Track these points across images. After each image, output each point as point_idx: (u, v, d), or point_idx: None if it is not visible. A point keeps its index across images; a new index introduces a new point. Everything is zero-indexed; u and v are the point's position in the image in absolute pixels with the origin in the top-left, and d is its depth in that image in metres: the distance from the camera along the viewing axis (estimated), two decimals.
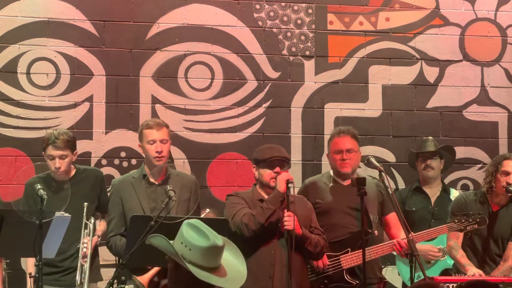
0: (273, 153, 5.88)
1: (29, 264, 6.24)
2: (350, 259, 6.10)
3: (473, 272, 6.33)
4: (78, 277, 5.92)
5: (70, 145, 6.29)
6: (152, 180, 6.19)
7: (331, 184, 6.33)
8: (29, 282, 6.19)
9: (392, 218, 6.42)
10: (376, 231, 6.17)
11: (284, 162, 5.89)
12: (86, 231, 5.96)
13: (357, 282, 6.10)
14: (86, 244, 5.92)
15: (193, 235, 3.72)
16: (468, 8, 8.37)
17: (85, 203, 5.99)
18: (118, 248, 5.99)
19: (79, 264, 5.94)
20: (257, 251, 5.79)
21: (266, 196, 5.86)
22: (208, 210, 6.53)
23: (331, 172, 6.42)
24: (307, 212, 5.96)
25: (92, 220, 6.09)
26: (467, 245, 6.64)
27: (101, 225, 6.45)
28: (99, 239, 6.29)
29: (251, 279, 5.69)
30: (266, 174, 5.86)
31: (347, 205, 6.24)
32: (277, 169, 5.82)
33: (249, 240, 5.75)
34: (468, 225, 6.35)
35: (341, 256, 6.11)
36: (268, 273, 5.75)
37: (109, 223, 6.22)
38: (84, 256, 5.89)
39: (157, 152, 6.09)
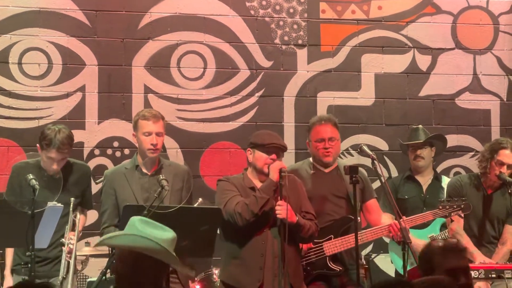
0: (272, 140, 5.85)
1: (8, 254, 6.28)
2: (333, 246, 6.09)
3: (482, 260, 6.36)
4: (61, 271, 5.91)
5: (69, 145, 6.30)
6: (144, 170, 6.17)
7: (312, 171, 6.32)
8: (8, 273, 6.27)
9: (372, 204, 6.45)
10: (359, 218, 6.15)
11: (281, 151, 5.87)
12: (67, 226, 5.93)
13: (340, 268, 6.10)
14: (72, 240, 5.90)
15: (154, 231, 3.98)
16: None
17: (72, 199, 5.96)
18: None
19: (63, 260, 5.92)
20: (249, 241, 5.76)
21: (257, 183, 5.82)
22: (200, 199, 6.54)
23: (311, 159, 6.41)
24: (297, 194, 5.92)
25: (78, 216, 6.08)
26: (464, 228, 6.67)
27: (81, 220, 6.44)
28: (81, 233, 6.28)
29: (242, 269, 5.75)
30: (262, 159, 5.81)
31: (330, 192, 6.25)
32: (274, 156, 5.79)
33: (241, 229, 5.74)
34: (452, 211, 6.38)
35: (324, 243, 6.10)
36: (259, 264, 5.72)
37: (103, 214, 6.20)
38: (70, 252, 5.87)
39: (152, 144, 6.06)
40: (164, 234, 3.99)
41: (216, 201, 5.89)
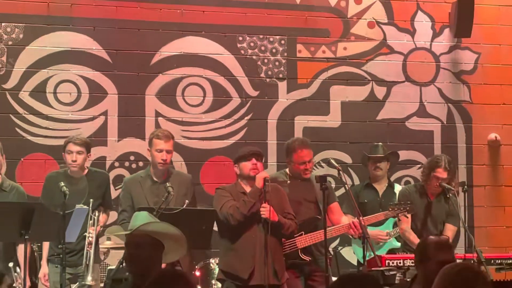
0: (249, 149, 5.94)
1: (44, 247, 6.27)
2: (304, 240, 6.11)
3: None
4: (84, 260, 5.90)
5: (86, 145, 6.33)
6: (155, 179, 6.18)
7: (288, 181, 6.34)
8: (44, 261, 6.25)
9: (335, 206, 6.49)
10: (320, 217, 6.15)
11: (259, 156, 5.91)
12: (91, 222, 5.93)
13: (310, 258, 6.11)
14: (91, 233, 5.89)
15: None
16: (409, 40, 8.39)
17: (91, 200, 5.95)
18: None
19: (85, 251, 5.91)
20: (242, 235, 5.81)
21: (247, 189, 5.86)
22: (187, 201, 6.50)
23: (287, 171, 6.42)
24: (280, 199, 5.95)
25: (97, 214, 6.08)
26: (412, 228, 6.68)
27: (103, 218, 6.42)
28: (101, 229, 6.26)
29: (237, 258, 5.77)
30: (246, 167, 5.87)
31: (302, 197, 6.27)
32: (253, 160, 5.85)
33: (235, 226, 5.76)
34: (399, 212, 6.42)
35: (296, 238, 6.11)
36: (251, 253, 5.77)
37: (121, 213, 6.20)
38: (90, 244, 5.86)
39: (162, 159, 6.10)
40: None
41: (213, 205, 5.94)
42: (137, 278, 4.04)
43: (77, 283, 5.94)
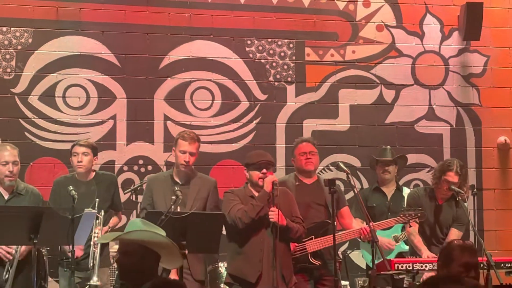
0: (260, 158, 5.88)
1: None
2: (314, 244, 6.09)
3: (427, 255, 6.34)
4: (90, 261, 5.91)
5: (92, 147, 6.35)
6: (177, 180, 6.13)
7: (297, 183, 6.33)
8: None
9: (345, 210, 6.48)
10: (330, 221, 6.13)
11: (269, 165, 5.88)
12: (97, 221, 5.94)
13: (319, 263, 6.09)
14: (97, 233, 5.89)
15: (157, 230, 4.08)
16: (417, 43, 8.38)
17: (97, 199, 5.97)
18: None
19: (91, 250, 5.91)
20: (250, 239, 5.79)
21: (255, 193, 5.85)
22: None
23: (296, 173, 6.42)
24: (288, 203, 5.93)
25: (102, 213, 6.08)
26: (419, 231, 6.65)
27: (113, 220, 6.43)
28: (109, 229, 6.26)
29: (244, 262, 5.75)
30: (255, 175, 5.84)
31: (311, 200, 6.26)
32: (264, 170, 5.82)
33: (243, 230, 5.75)
34: (411, 218, 6.37)
35: (306, 242, 6.10)
36: (258, 257, 5.75)
37: (141, 211, 6.16)
38: (95, 244, 5.87)
39: (184, 161, 6.05)
40: (163, 232, 3.98)
41: (222, 208, 5.92)
42: (129, 286, 4.01)
43: (87, 286, 5.95)
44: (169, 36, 7.87)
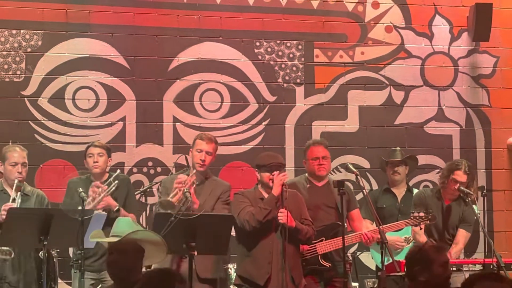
0: (271, 160, 5.87)
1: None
2: (324, 246, 6.07)
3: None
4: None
5: (106, 148, 6.39)
6: None
7: (308, 185, 6.32)
8: None
9: (355, 213, 6.44)
10: (341, 223, 6.12)
11: (280, 167, 5.88)
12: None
13: (330, 265, 6.08)
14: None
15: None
16: (427, 44, 8.37)
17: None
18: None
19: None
20: (259, 242, 5.78)
21: (265, 195, 5.84)
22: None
23: (307, 175, 6.40)
24: (298, 205, 5.93)
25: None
26: (426, 231, 6.62)
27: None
28: None
29: (253, 264, 5.75)
30: (266, 176, 5.84)
31: (322, 202, 6.23)
32: (275, 172, 5.81)
33: (252, 233, 5.75)
34: (422, 221, 6.33)
35: (316, 244, 6.09)
36: (267, 259, 5.74)
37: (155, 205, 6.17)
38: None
39: (200, 160, 6.02)
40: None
41: (231, 210, 5.90)
42: (118, 283, 4.19)
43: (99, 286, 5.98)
44: (178, 38, 7.88)
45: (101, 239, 5.04)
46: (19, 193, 6.15)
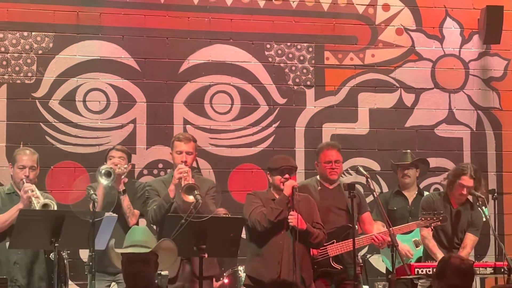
0: (283, 163, 5.89)
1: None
2: (336, 248, 6.08)
3: None
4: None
5: (127, 153, 6.40)
6: None
7: (319, 188, 6.32)
8: None
9: (366, 216, 6.45)
10: (352, 225, 6.12)
11: (292, 170, 5.89)
12: None
13: (341, 267, 6.08)
14: None
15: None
16: (437, 46, 8.36)
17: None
18: (156, 212, 5.94)
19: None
20: (269, 241, 5.81)
21: (277, 197, 5.86)
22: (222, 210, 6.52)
23: (318, 177, 6.40)
24: (310, 209, 5.94)
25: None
26: (434, 235, 6.60)
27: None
28: None
29: (263, 263, 5.76)
30: (277, 179, 5.86)
31: (333, 204, 6.24)
32: (286, 175, 5.83)
33: (263, 232, 5.76)
34: (432, 222, 6.33)
35: (327, 246, 6.09)
36: (277, 259, 5.76)
37: (152, 202, 6.09)
38: None
39: (182, 161, 6.03)
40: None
41: (244, 210, 5.93)
42: None
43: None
44: (188, 40, 7.89)
45: (126, 250, 4.85)
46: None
